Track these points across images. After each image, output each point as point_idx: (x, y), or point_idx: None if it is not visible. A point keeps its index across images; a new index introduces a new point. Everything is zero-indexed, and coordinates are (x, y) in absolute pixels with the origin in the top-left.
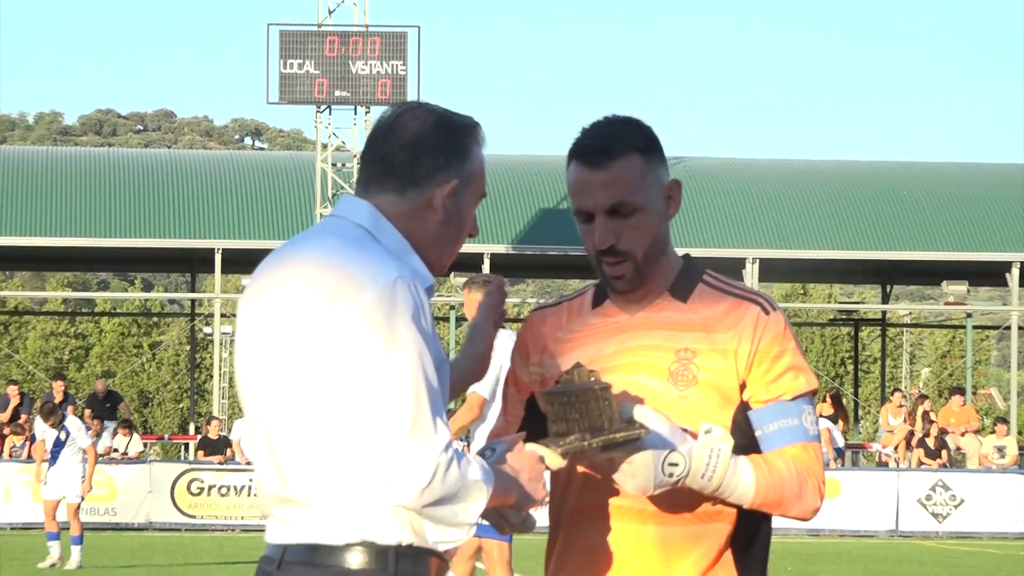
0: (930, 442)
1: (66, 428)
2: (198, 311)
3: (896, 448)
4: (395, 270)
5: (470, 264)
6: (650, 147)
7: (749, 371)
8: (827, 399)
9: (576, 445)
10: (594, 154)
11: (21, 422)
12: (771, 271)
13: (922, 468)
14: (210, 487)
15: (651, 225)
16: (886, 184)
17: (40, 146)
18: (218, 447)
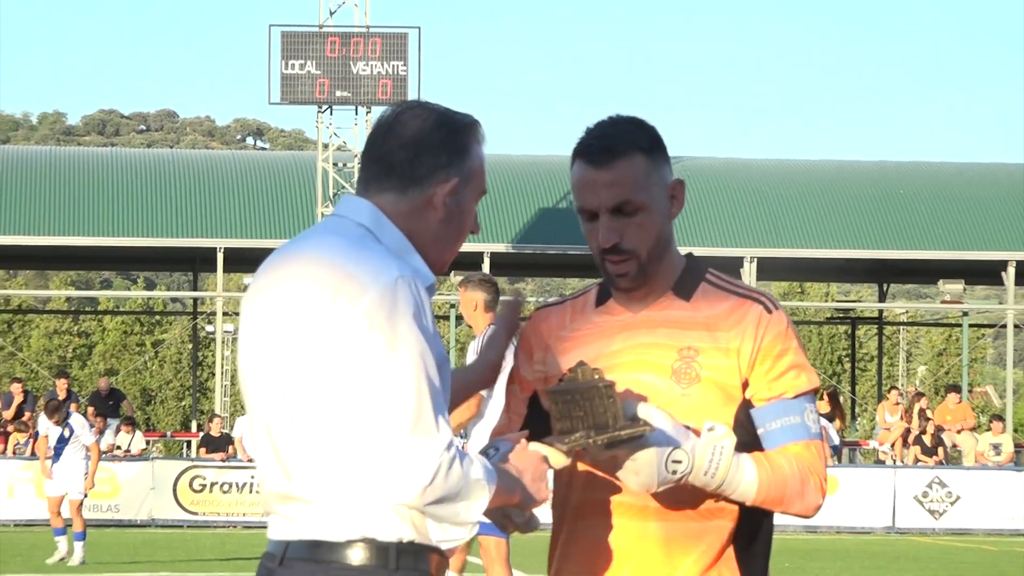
0: (926, 439)
1: (70, 425)
2: (200, 310)
3: (893, 445)
4: (396, 269)
5: (470, 263)
6: (654, 147)
7: (751, 369)
8: (824, 397)
9: (581, 442)
10: (598, 153)
11: (25, 419)
12: (769, 270)
13: (918, 465)
14: (212, 484)
15: (655, 224)
16: (883, 184)
17: (43, 146)
18: (220, 444)
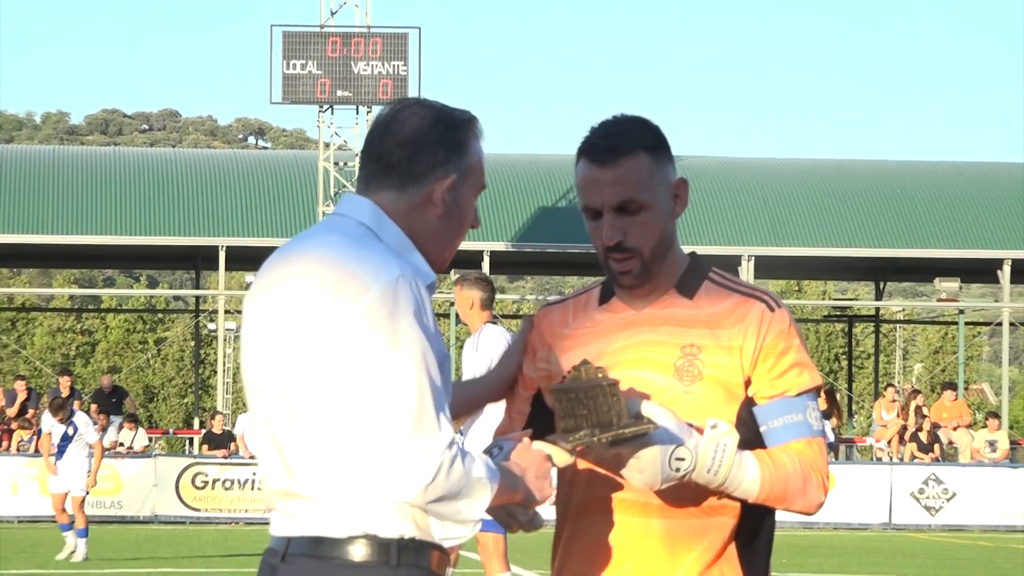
0: (923, 436)
1: (74, 423)
2: (202, 308)
3: (889, 442)
4: (397, 268)
5: (471, 261)
6: (658, 146)
7: (754, 367)
8: (821, 395)
9: (586, 440)
10: (603, 152)
11: (29, 417)
12: (766, 268)
13: (915, 462)
14: (214, 481)
15: (658, 223)
16: (880, 182)
17: (47, 145)
18: (222, 441)
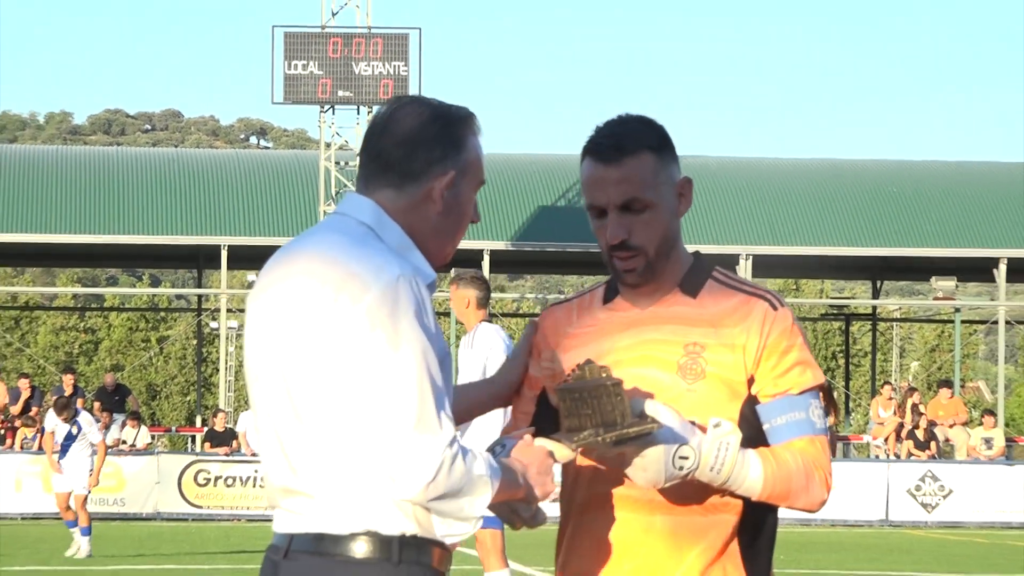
0: (919, 434)
1: (78, 423)
2: (204, 306)
3: (886, 440)
4: (397, 268)
5: (471, 260)
6: (662, 145)
7: (757, 366)
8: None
9: (590, 440)
10: (608, 151)
11: (32, 414)
12: (764, 267)
13: (911, 459)
14: (216, 478)
15: (662, 221)
16: (876, 182)
17: (50, 145)
18: (224, 439)
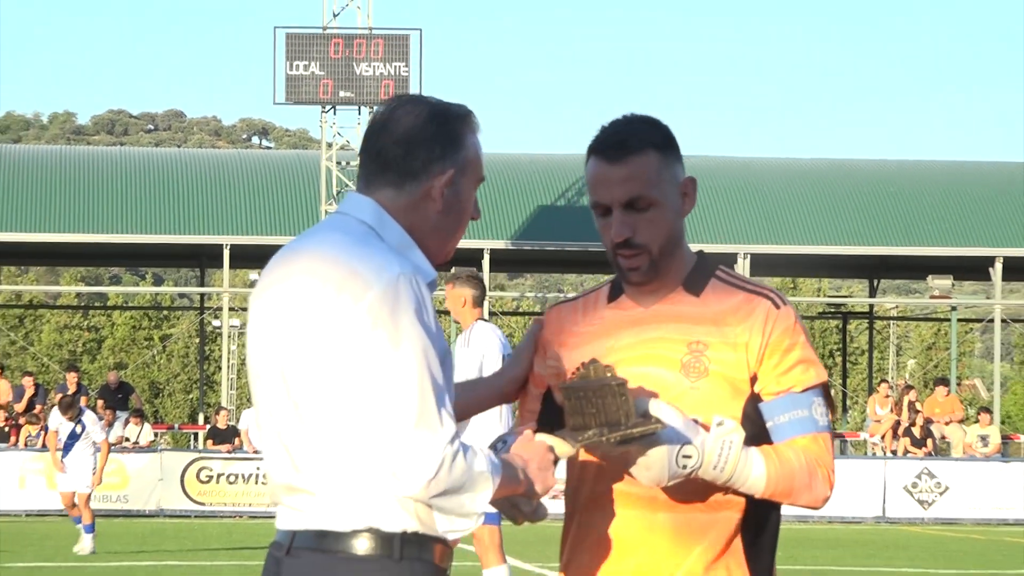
0: (916, 431)
1: (82, 422)
2: (207, 305)
3: (883, 437)
4: (397, 267)
5: (471, 259)
6: (667, 145)
7: (760, 364)
8: None
9: (595, 440)
10: (612, 150)
11: (36, 412)
12: (762, 265)
13: (908, 456)
14: (219, 475)
15: (666, 220)
16: (874, 181)
17: (54, 145)
18: (226, 436)
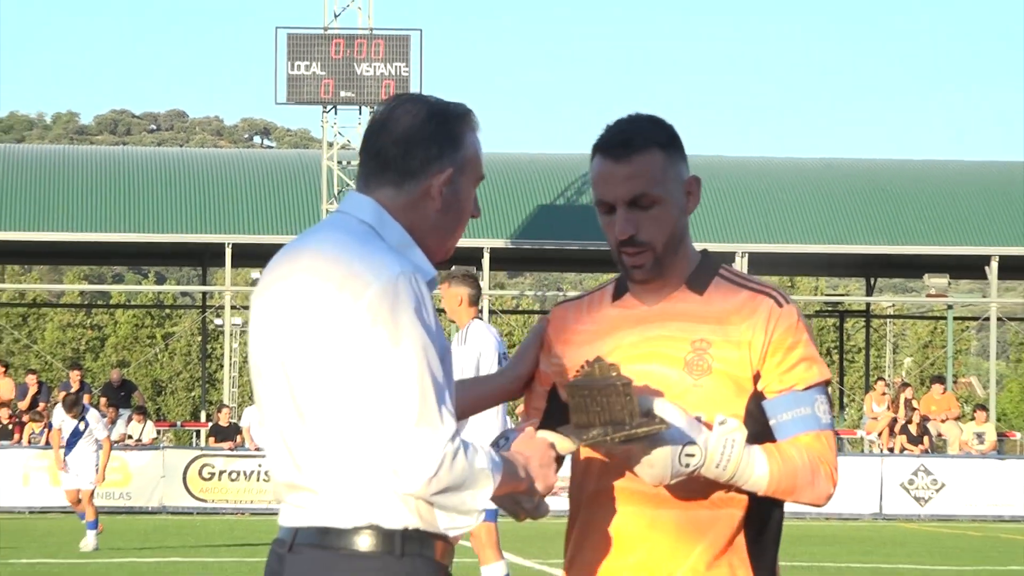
0: (912, 429)
1: (86, 419)
2: (209, 303)
3: (880, 434)
4: (397, 266)
5: (471, 257)
6: (671, 144)
7: (763, 362)
8: None
9: (599, 439)
10: (617, 148)
11: (40, 410)
12: (760, 264)
13: (905, 454)
14: (221, 472)
15: (670, 218)
16: (870, 180)
17: (57, 145)
18: (228, 434)
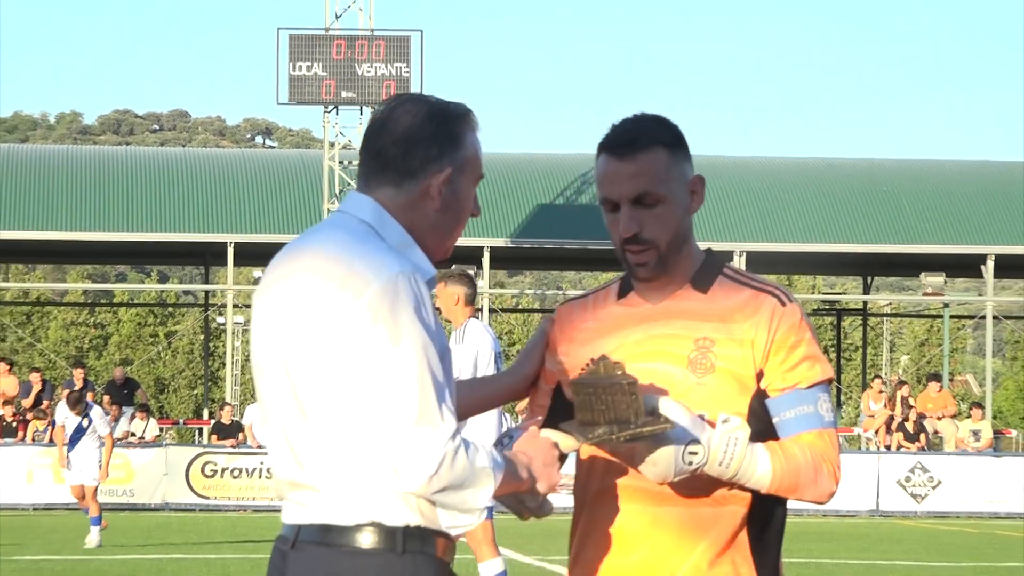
0: (909, 426)
1: (90, 416)
2: (211, 302)
3: (877, 432)
4: (397, 265)
5: (471, 256)
6: (676, 143)
7: (766, 360)
8: None
9: (605, 438)
10: (622, 147)
11: (43, 407)
12: (758, 263)
13: (901, 451)
14: (223, 469)
15: (674, 217)
16: (867, 180)
17: (61, 145)
18: (231, 431)
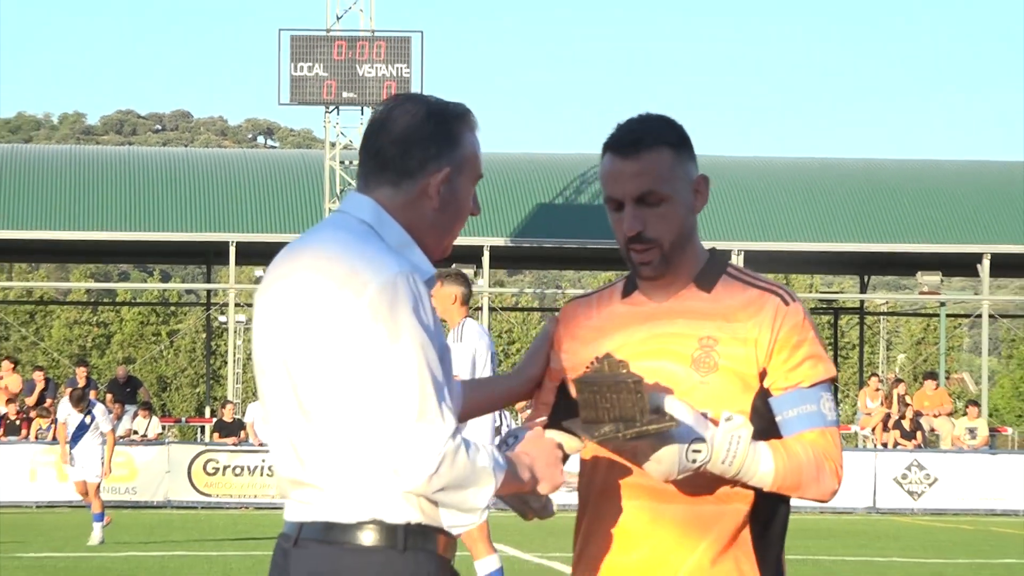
0: (905, 424)
1: (92, 413)
2: (213, 301)
3: (873, 430)
4: (395, 265)
5: (471, 256)
6: (681, 143)
7: (769, 359)
8: None
9: (610, 436)
10: (626, 146)
11: (47, 406)
12: (756, 262)
13: (898, 449)
14: (225, 467)
15: (678, 216)
16: (864, 179)
17: (64, 145)
18: (232, 429)
